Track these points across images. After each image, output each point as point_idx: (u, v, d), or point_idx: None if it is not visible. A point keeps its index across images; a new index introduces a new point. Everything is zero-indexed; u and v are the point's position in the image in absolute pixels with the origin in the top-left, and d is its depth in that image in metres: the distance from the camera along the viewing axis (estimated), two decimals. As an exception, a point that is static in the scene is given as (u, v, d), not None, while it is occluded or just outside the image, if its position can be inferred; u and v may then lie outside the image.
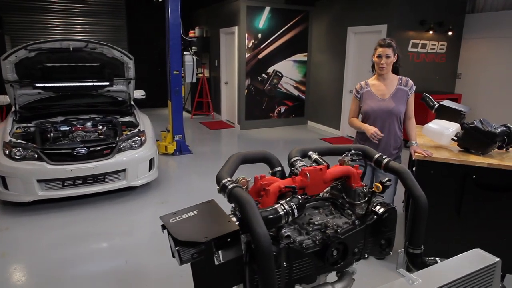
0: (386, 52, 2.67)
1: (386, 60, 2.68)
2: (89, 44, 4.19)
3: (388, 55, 2.67)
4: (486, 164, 2.42)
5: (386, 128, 2.75)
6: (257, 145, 6.96)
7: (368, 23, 6.54)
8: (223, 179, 1.56)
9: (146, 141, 4.49)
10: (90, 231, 3.62)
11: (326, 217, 1.71)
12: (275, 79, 8.17)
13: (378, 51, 2.69)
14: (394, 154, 2.82)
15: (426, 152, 2.55)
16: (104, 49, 4.32)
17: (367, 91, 2.82)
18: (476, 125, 2.54)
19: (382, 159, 1.88)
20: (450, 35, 6.60)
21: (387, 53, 2.67)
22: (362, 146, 1.98)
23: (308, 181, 1.64)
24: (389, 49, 2.67)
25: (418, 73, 6.56)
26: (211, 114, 9.44)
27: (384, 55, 2.67)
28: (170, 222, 1.36)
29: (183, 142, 6.20)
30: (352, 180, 1.78)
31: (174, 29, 5.70)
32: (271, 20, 7.79)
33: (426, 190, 2.64)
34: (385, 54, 2.67)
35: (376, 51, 2.70)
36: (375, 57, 2.73)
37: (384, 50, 2.67)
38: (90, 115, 4.95)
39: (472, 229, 2.56)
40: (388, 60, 2.68)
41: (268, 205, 1.53)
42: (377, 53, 2.70)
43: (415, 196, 1.70)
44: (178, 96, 5.98)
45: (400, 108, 2.74)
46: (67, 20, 9.54)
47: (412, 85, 2.80)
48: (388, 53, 2.67)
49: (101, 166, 4.03)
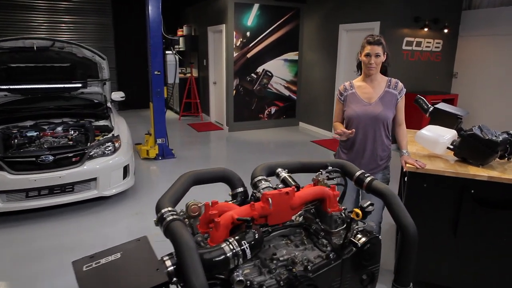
0: (376, 51, 2.36)
1: (376, 59, 2.37)
2: (57, 43, 3.85)
3: (377, 54, 2.36)
4: (486, 177, 2.13)
5: (371, 135, 2.45)
6: (245, 148, 6.66)
7: (361, 20, 6.25)
8: (162, 208, 1.26)
9: (120, 147, 4.17)
10: (58, 245, 3.31)
11: (295, 249, 1.41)
12: (265, 79, 7.86)
13: (367, 49, 2.38)
14: (381, 165, 2.51)
15: (419, 163, 2.26)
16: (73, 48, 3.99)
17: (351, 93, 2.51)
18: (474, 133, 2.25)
19: (364, 178, 1.58)
20: (446, 33, 6.32)
21: (377, 52, 2.36)
22: (341, 162, 1.68)
23: (270, 209, 1.34)
24: (379, 47, 2.36)
25: (413, 73, 6.28)
26: (200, 115, 9.12)
27: (373, 53, 2.36)
28: (82, 271, 1.05)
29: (166, 146, 5.89)
30: (327, 204, 1.48)
31: (155, 27, 5.38)
32: (260, 18, 7.48)
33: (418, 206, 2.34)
34: (375, 53, 2.36)
35: (364, 49, 2.40)
36: (362, 55, 2.42)
37: (373, 48, 2.36)
38: (63, 119, 4.63)
39: (470, 251, 2.27)
40: (377, 59, 2.37)
41: (218, 241, 1.23)
42: (365, 52, 2.39)
43: (403, 226, 1.40)
44: (160, 98, 5.67)
45: (388, 114, 2.43)
46: (50, 18, 9.18)
47: (402, 88, 2.49)
48: (378, 51, 2.36)
49: (68, 175, 3.71)
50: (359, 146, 2.49)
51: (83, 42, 9.47)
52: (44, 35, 9.02)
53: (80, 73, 4.39)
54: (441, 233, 2.30)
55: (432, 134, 2.40)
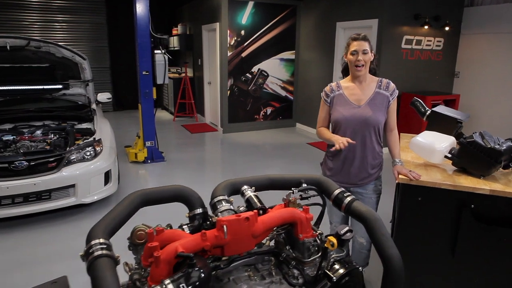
0: (363, 47, 2.13)
1: (364, 56, 2.14)
2: (33, 42, 3.63)
3: (365, 51, 2.14)
4: (488, 191, 1.89)
5: (361, 141, 2.21)
6: (239, 150, 6.43)
7: (358, 17, 6.01)
8: (92, 239, 1.04)
9: (102, 151, 3.96)
10: (35, 256, 3.11)
11: (259, 282, 1.19)
12: (260, 79, 7.63)
13: (353, 46, 2.15)
14: (372, 174, 2.28)
15: (412, 174, 2.02)
16: (51, 48, 3.77)
17: (338, 94, 2.28)
18: (475, 140, 2.01)
19: (343, 197, 1.35)
20: (447, 31, 6.06)
21: (364, 48, 2.13)
22: (317, 178, 1.45)
23: (226, 238, 1.11)
24: (366, 43, 2.14)
25: (412, 72, 6.03)
26: (195, 116, 8.91)
27: (360, 50, 2.13)
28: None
29: (155, 148, 5.67)
30: (299, 229, 1.26)
31: (143, 26, 5.17)
32: (255, 16, 7.25)
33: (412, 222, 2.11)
34: (362, 50, 2.13)
35: (350, 47, 2.17)
36: (348, 54, 2.19)
37: (360, 44, 2.13)
38: (44, 122, 4.43)
39: (469, 273, 2.03)
40: (365, 56, 2.14)
41: (157, 280, 1.01)
42: (351, 49, 2.16)
43: (386, 257, 1.17)
44: (149, 99, 5.45)
45: (379, 117, 2.20)
46: (43, 17, 9.00)
47: (394, 89, 2.26)
48: (365, 48, 2.14)
49: (44, 182, 3.50)
50: (347, 153, 2.26)
51: (77, 41, 9.36)
52: (37, 34, 8.85)
53: (60, 74, 4.17)
54: (438, 252, 2.06)
55: (428, 142, 2.16)
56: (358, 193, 2.32)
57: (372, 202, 2.31)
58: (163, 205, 1.36)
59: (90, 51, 9.53)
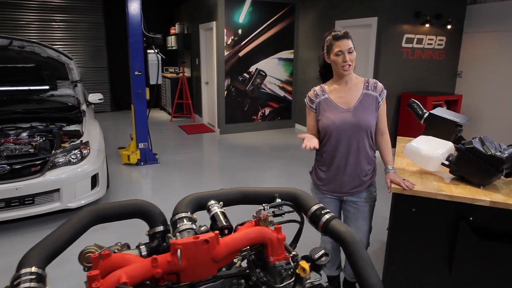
0: (348, 46, 1.96)
1: (350, 56, 1.96)
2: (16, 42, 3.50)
3: (350, 49, 1.96)
4: (488, 202, 1.73)
5: (354, 148, 2.05)
6: (236, 151, 6.28)
7: (357, 16, 5.84)
8: (23, 268, 0.91)
9: (89, 154, 3.82)
10: (9, 265, 2.96)
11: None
12: (258, 79, 7.48)
13: (336, 46, 1.97)
14: (366, 181, 2.12)
15: (406, 183, 1.87)
16: (35, 48, 3.64)
17: (324, 99, 2.11)
18: (474, 147, 1.85)
19: (321, 215, 1.20)
20: (450, 29, 5.88)
21: (349, 47, 1.96)
22: (294, 192, 1.30)
23: (180, 265, 0.97)
24: (349, 41, 1.97)
25: (413, 72, 5.86)
26: (192, 116, 8.77)
27: (345, 50, 1.95)
28: None
29: (148, 150, 5.54)
30: (269, 251, 1.11)
31: (134, 24, 5.04)
32: (252, 14, 7.09)
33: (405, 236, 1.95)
34: (347, 49, 1.95)
35: (333, 47, 1.99)
36: (332, 55, 2.01)
37: (343, 43, 1.95)
38: (32, 124, 4.31)
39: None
40: (351, 55, 1.97)
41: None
42: (335, 50, 1.98)
43: (367, 285, 1.02)
44: (142, 100, 5.32)
45: (370, 120, 2.03)
46: (41, 16, 8.90)
47: (382, 88, 2.08)
48: (350, 46, 1.97)
49: (26, 187, 3.37)
50: (340, 161, 2.10)
51: (75, 41, 9.27)
52: (35, 34, 8.77)
53: (47, 74, 4.04)
54: (433, 269, 1.91)
55: (423, 148, 2.01)
56: (351, 202, 2.16)
57: (365, 211, 2.15)
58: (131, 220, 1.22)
59: (87, 50, 9.44)
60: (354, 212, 2.15)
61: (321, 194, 2.20)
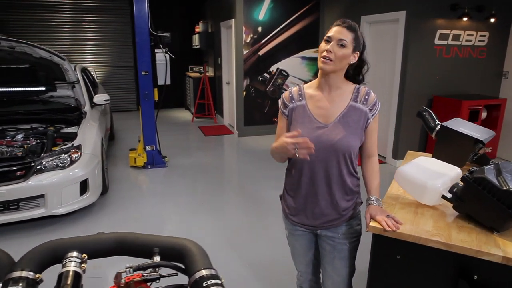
0: (341, 35, 1.49)
1: (337, 48, 1.49)
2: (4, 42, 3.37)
3: (342, 42, 1.49)
4: (499, 258, 1.25)
5: (323, 175, 1.61)
6: (253, 156, 5.92)
7: (384, 10, 5.26)
8: None
9: (79, 158, 3.65)
10: None
11: None
12: (280, 79, 7.06)
13: (330, 31, 1.52)
14: (345, 215, 1.67)
15: (388, 222, 1.42)
16: (26, 48, 3.51)
17: (300, 106, 1.66)
18: (485, 177, 1.35)
19: (201, 282, 0.82)
20: (494, 23, 5.13)
21: (342, 38, 1.49)
22: (183, 245, 0.92)
23: None
24: (348, 33, 1.49)
25: (447, 72, 5.18)
26: (213, 117, 8.54)
27: (335, 38, 1.49)
28: None
29: (156, 153, 5.33)
30: None
31: (141, 23, 4.84)
32: (273, 11, 6.69)
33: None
34: (338, 38, 1.49)
35: (327, 32, 1.56)
36: (322, 42, 1.56)
37: (338, 31, 1.50)
38: (32, 125, 4.24)
39: None
40: (339, 50, 1.49)
41: None
42: (326, 35, 1.53)
43: None
44: (149, 101, 5.12)
45: (351, 141, 1.58)
46: (72, 17, 9.12)
47: (375, 101, 1.60)
48: (344, 37, 1.49)
49: (9, 192, 3.25)
50: (307, 190, 1.66)
51: (104, 40, 9.38)
52: (66, 34, 8.98)
53: (44, 75, 3.92)
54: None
55: (418, 174, 1.53)
56: (326, 238, 1.72)
57: (344, 249, 1.70)
58: None
59: (115, 50, 9.55)
60: (330, 250, 1.71)
61: (291, 225, 1.78)
